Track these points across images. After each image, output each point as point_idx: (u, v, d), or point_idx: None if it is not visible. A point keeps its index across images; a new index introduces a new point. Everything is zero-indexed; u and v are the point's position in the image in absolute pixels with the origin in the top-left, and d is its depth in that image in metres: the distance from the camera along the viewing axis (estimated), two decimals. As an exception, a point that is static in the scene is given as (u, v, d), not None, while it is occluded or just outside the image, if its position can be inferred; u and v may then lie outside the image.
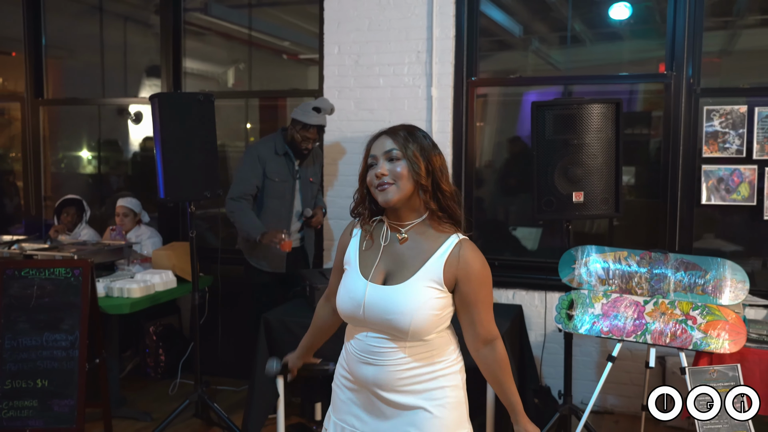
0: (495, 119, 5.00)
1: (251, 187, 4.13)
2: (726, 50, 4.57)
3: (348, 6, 4.70)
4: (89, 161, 6.24)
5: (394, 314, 1.79)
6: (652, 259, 3.34)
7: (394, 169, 1.83)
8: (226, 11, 5.66)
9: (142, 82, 5.89)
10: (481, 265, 1.85)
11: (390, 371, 1.84)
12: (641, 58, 4.78)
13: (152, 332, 4.99)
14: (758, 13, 4.55)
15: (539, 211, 3.46)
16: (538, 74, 5.02)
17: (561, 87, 4.70)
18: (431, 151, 1.87)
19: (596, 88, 4.61)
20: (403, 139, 1.86)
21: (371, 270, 1.88)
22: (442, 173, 1.87)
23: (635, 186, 4.66)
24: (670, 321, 3.23)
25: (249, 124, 5.73)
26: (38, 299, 3.70)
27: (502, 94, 4.92)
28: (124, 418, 4.25)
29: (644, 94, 4.63)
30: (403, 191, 1.84)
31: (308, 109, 4.11)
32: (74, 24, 6.14)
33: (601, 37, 4.96)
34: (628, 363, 4.27)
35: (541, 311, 4.38)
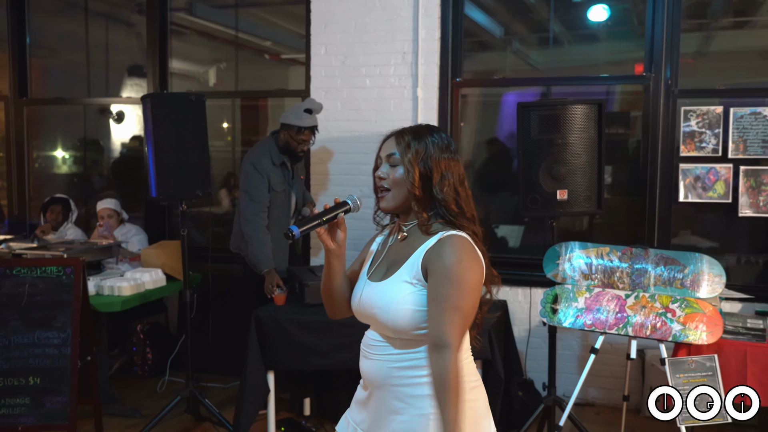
0: (475, 119, 5.10)
1: (266, 200, 4.11)
2: (702, 52, 4.72)
3: (335, 7, 4.78)
4: (73, 161, 6.24)
5: (376, 309, 1.81)
6: (633, 255, 3.46)
7: (392, 174, 1.83)
8: (211, 11, 5.70)
9: (124, 82, 5.91)
10: (453, 261, 1.72)
11: (379, 366, 1.84)
12: (618, 59, 4.91)
13: (139, 330, 5.02)
14: (732, 15, 4.71)
15: (525, 208, 3.56)
16: (518, 74, 5.13)
17: (540, 87, 4.82)
18: (438, 156, 1.81)
19: (575, 89, 4.73)
20: (406, 143, 1.82)
21: (376, 270, 1.91)
22: (442, 182, 1.80)
23: (615, 184, 4.79)
24: (650, 314, 3.35)
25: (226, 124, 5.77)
26: (30, 297, 3.72)
27: (482, 94, 5.03)
28: (114, 416, 4.29)
29: (623, 95, 4.76)
30: (398, 199, 1.84)
31: (300, 111, 4.12)
32: (57, 23, 6.13)
33: (580, 38, 5.09)
34: (608, 356, 4.40)
35: (525, 307, 4.49)
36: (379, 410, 1.87)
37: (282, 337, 3.68)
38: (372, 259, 1.97)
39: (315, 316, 3.60)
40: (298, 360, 3.67)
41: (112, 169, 6.08)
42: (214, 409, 3.96)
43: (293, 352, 3.66)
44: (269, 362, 3.74)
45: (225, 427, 3.94)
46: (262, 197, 4.10)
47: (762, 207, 4.20)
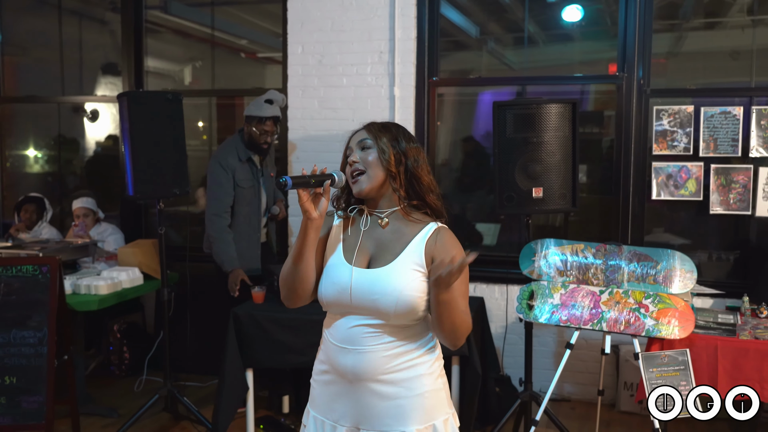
0: (452, 118, 5.15)
1: (229, 199, 4.14)
2: (673, 52, 4.80)
3: (311, 6, 4.79)
4: (46, 159, 6.18)
5: (380, 295, 1.83)
6: (607, 251, 3.52)
7: (365, 157, 1.91)
8: (186, 9, 5.68)
9: (98, 80, 5.86)
10: (458, 250, 1.89)
11: (370, 358, 1.86)
12: (592, 59, 4.98)
13: (116, 330, 4.99)
14: (703, 16, 4.80)
15: (501, 206, 3.60)
16: (493, 74, 5.18)
17: (516, 87, 4.87)
18: (406, 143, 1.94)
19: (550, 88, 4.79)
20: (376, 130, 1.94)
21: (353, 255, 1.92)
22: (416, 162, 1.93)
23: (590, 182, 4.87)
24: (624, 309, 3.42)
25: (202, 123, 5.75)
26: (5, 296, 3.69)
27: (459, 93, 5.07)
28: (91, 415, 4.26)
29: (596, 94, 4.84)
30: (374, 179, 1.91)
31: (261, 102, 4.16)
32: (29, 21, 6.06)
33: (554, 38, 5.15)
34: (583, 352, 4.47)
35: (502, 304, 4.55)
36: (367, 403, 1.89)
37: (260, 335, 3.68)
38: (343, 247, 1.96)
39: (292, 314, 3.61)
40: (275, 358, 3.68)
41: (87, 168, 6.02)
42: (193, 407, 3.96)
43: (271, 350, 3.67)
44: (248, 360, 3.74)
45: (203, 425, 3.94)
46: (225, 196, 4.12)
47: (732, 204, 4.29)
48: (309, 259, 1.91)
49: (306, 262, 1.91)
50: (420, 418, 1.89)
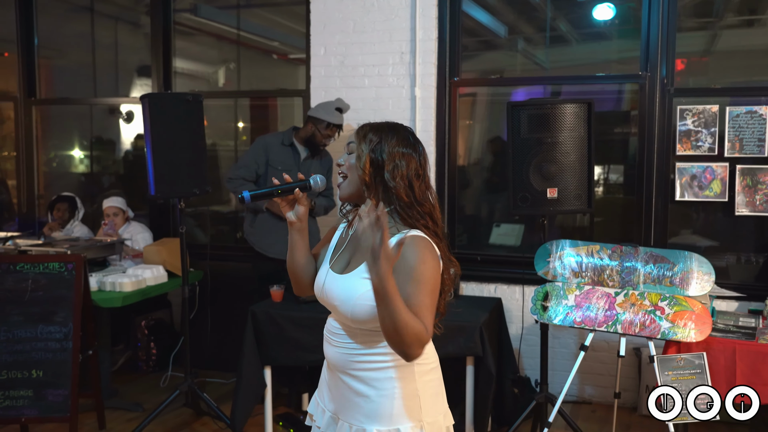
0: (483, 118, 5.14)
1: (250, 172, 4.30)
2: (702, 51, 4.72)
3: (333, 8, 4.83)
4: (81, 160, 6.35)
5: (338, 301, 1.87)
6: (623, 253, 3.49)
7: (348, 160, 1.91)
8: (215, 12, 5.78)
9: (133, 82, 6.00)
10: (416, 258, 1.75)
11: (342, 353, 1.90)
12: (625, 57, 4.92)
13: (143, 326, 5.11)
14: (734, 14, 4.71)
15: (515, 206, 3.60)
16: (526, 74, 5.16)
17: (549, 86, 4.83)
18: (392, 148, 1.84)
19: (580, 88, 4.75)
20: (364, 132, 1.89)
21: (338, 259, 1.96)
22: (396, 170, 1.82)
23: (614, 183, 4.81)
24: (639, 311, 3.38)
25: (242, 123, 5.86)
26: (33, 293, 3.81)
27: (491, 93, 5.06)
28: (116, 409, 4.37)
29: (626, 94, 4.77)
30: (352, 185, 1.89)
31: (331, 109, 4.30)
32: (65, 24, 6.24)
33: (587, 37, 5.11)
34: (604, 354, 4.42)
35: (521, 304, 4.52)
36: (344, 393, 1.93)
37: (277, 334, 3.74)
38: (334, 248, 2.01)
39: (308, 313, 3.66)
40: (292, 356, 3.73)
41: (120, 167, 6.18)
42: (212, 403, 4.03)
43: (287, 348, 3.72)
44: (265, 358, 3.81)
45: (223, 421, 4.01)
46: (246, 163, 4.31)
47: (758, 206, 4.20)
48: (299, 258, 1.98)
49: (297, 261, 1.98)
50: (384, 419, 1.86)
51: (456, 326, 3.55)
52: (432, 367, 1.95)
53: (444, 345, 3.55)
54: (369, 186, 1.86)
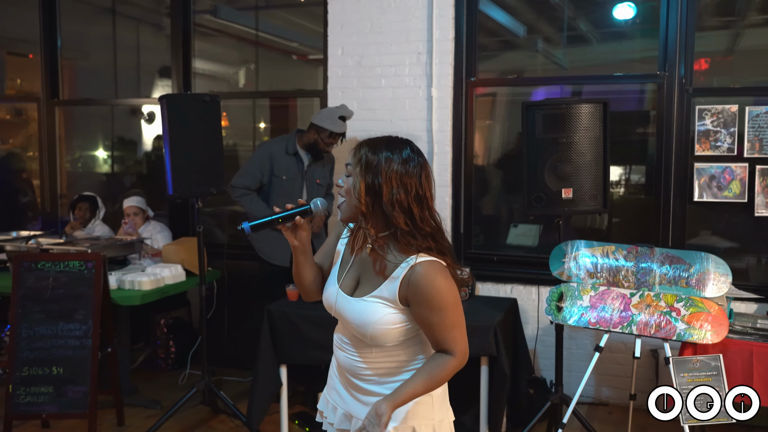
0: (503, 118, 5.13)
1: (254, 181, 4.32)
2: (724, 50, 4.67)
3: (350, 9, 4.85)
4: (103, 160, 6.44)
5: (355, 324, 1.88)
6: (639, 254, 3.47)
7: (346, 183, 1.86)
8: (234, 13, 5.84)
9: (154, 83, 6.08)
10: (432, 290, 1.77)
11: (354, 360, 1.94)
12: (646, 56, 4.88)
13: (163, 324, 5.17)
14: (756, 13, 4.65)
15: (530, 206, 3.59)
16: (545, 73, 5.14)
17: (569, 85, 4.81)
18: (390, 170, 1.77)
19: (600, 87, 4.72)
20: (361, 154, 1.82)
21: (344, 275, 1.96)
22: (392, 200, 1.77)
23: (632, 183, 4.78)
24: (655, 312, 3.36)
25: (263, 124, 5.91)
26: (53, 290, 3.88)
27: (510, 93, 5.05)
28: (135, 406, 4.43)
29: (647, 94, 4.74)
30: (350, 209, 1.84)
31: (335, 117, 4.28)
32: (88, 26, 6.33)
33: (607, 36, 5.08)
34: (620, 355, 4.39)
35: (536, 305, 4.51)
36: (356, 393, 1.97)
37: (292, 332, 3.77)
38: (341, 262, 2.00)
39: (324, 312, 3.62)
40: (307, 354, 3.76)
41: (141, 167, 6.26)
42: (229, 401, 4.07)
43: (303, 347, 3.75)
44: (281, 357, 3.83)
45: (239, 419, 4.05)
46: (249, 171, 4.33)
47: (779, 207, 4.15)
48: (306, 276, 2.02)
49: (304, 278, 2.02)
50: (398, 418, 1.89)
51: (470, 326, 3.48)
52: None
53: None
54: (366, 215, 1.81)
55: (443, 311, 1.79)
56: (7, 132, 6.77)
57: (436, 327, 1.80)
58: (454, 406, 2.09)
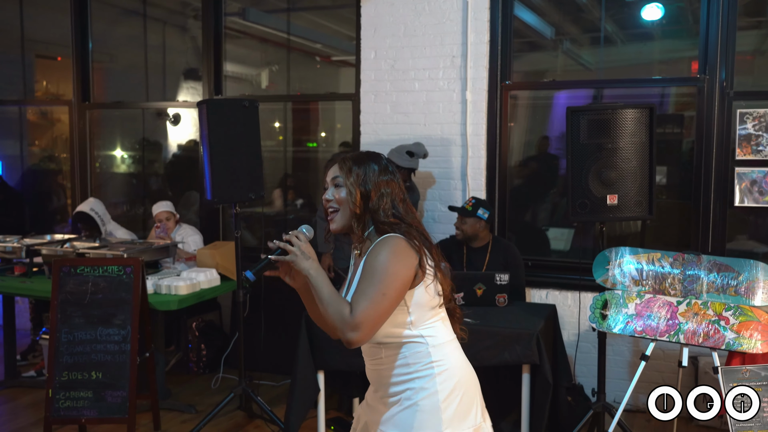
0: (526, 120, 5.09)
1: None
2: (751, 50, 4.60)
3: (384, 12, 4.83)
4: (131, 162, 6.46)
5: None
6: (685, 261, 3.42)
7: (338, 194, 2.00)
8: (263, 16, 5.83)
9: (180, 85, 6.08)
10: (380, 250, 1.91)
11: (373, 369, 2.06)
12: (674, 58, 4.83)
13: (194, 328, 5.17)
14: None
15: (573, 213, 3.55)
16: (570, 75, 5.10)
17: (593, 89, 4.77)
18: (377, 178, 1.98)
19: (627, 90, 4.67)
20: (348, 167, 1.99)
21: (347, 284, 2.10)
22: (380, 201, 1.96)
23: (668, 187, 4.72)
24: (702, 321, 3.31)
25: (278, 123, 5.90)
26: (92, 295, 3.88)
27: (533, 96, 5.01)
28: (170, 410, 4.43)
29: (678, 97, 4.69)
30: (345, 218, 2.00)
31: (402, 152, 4.32)
32: (116, 29, 6.35)
33: (634, 37, 5.02)
34: (660, 362, 4.34)
35: (574, 311, 4.47)
36: (375, 405, 2.10)
37: (329, 338, 3.73)
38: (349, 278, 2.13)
39: (364, 318, 3.64)
40: (345, 360, 3.73)
41: (169, 169, 6.27)
42: (266, 406, 4.06)
43: (341, 353, 3.72)
44: (319, 362, 3.81)
45: (276, 425, 4.03)
46: None
47: (822, 212, 4.08)
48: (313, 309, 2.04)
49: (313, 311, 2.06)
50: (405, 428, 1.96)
51: (512, 334, 3.52)
52: (456, 382, 2.00)
53: (500, 353, 3.53)
54: (359, 217, 1.98)
55: (370, 277, 1.87)
56: (36, 134, 6.81)
57: (358, 290, 1.88)
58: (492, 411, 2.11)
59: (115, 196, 6.40)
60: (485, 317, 3.66)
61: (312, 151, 6.02)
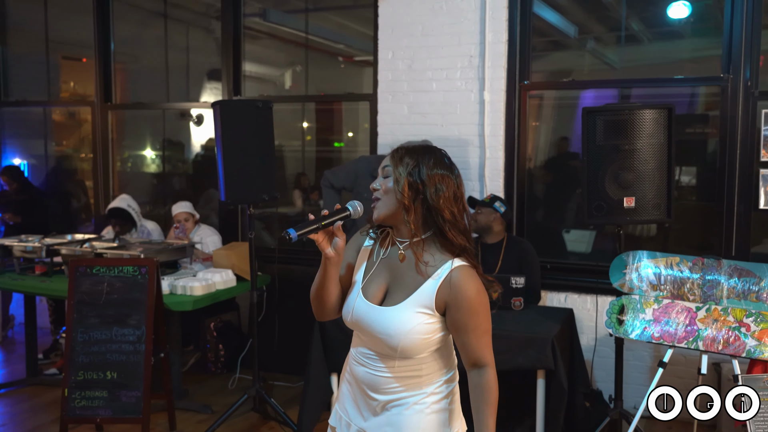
0: (551, 120, 5.02)
1: (338, 183, 4.41)
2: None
3: (401, 12, 4.79)
4: (153, 162, 6.51)
5: (384, 335, 1.85)
6: (705, 265, 3.33)
7: (385, 184, 1.88)
8: (283, 16, 5.83)
9: (203, 86, 6.11)
10: (473, 293, 1.81)
11: (377, 376, 1.91)
12: (700, 57, 4.72)
13: (212, 328, 5.19)
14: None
15: (589, 215, 3.48)
16: (594, 74, 5.01)
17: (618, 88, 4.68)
18: (430, 171, 1.84)
19: (653, 90, 4.58)
20: (399, 156, 1.88)
21: (369, 284, 1.93)
22: (437, 193, 1.82)
23: (690, 188, 4.62)
24: (722, 328, 3.22)
25: (306, 124, 5.90)
26: (108, 295, 3.91)
27: (558, 96, 4.94)
28: (186, 410, 4.44)
29: (707, 96, 4.58)
30: (389, 207, 1.86)
31: None
32: (139, 30, 6.40)
33: (660, 36, 4.92)
34: (681, 368, 4.24)
35: (594, 315, 4.39)
36: (374, 409, 1.94)
37: (344, 341, 3.69)
38: (364, 270, 1.97)
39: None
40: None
41: (191, 170, 6.31)
42: (280, 408, 4.05)
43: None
44: (332, 365, 3.80)
45: (290, 427, 4.02)
46: (342, 176, 4.42)
47: None
48: (333, 289, 1.95)
49: (329, 292, 1.95)
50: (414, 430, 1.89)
51: (527, 338, 3.47)
52: (457, 380, 2.00)
53: (514, 357, 3.48)
54: (408, 209, 1.84)
55: (480, 316, 1.83)
56: (61, 134, 6.90)
57: (473, 333, 1.83)
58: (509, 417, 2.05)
59: (138, 195, 6.43)
60: (499, 321, 3.61)
61: (336, 151, 6.02)
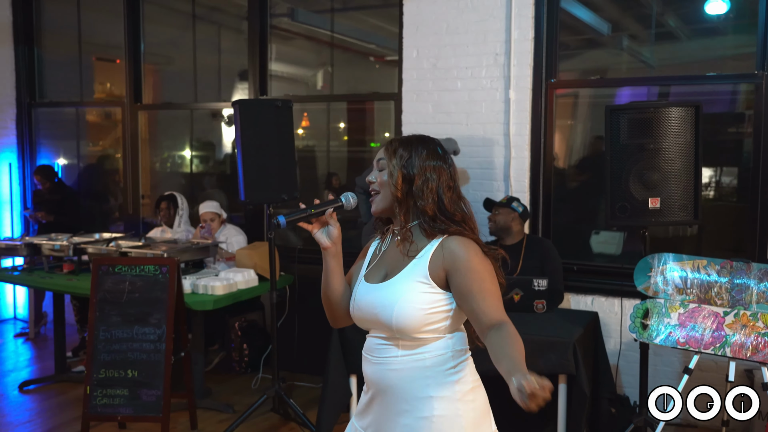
0: (585, 119, 4.91)
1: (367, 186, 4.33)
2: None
3: (426, 10, 4.73)
4: (184, 162, 6.57)
5: (379, 308, 1.85)
6: (734, 269, 3.21)
7: (380, 177, 1.92)
8: (311, 16, 5.82)
9: (234, 86, 6.14)
10: (468, 253, 1.81)
11: (383, 369, 1.87)
12: (740, 54, 4.57)
13: (237, 327, 5.20)
14: None
15: (612, 216, 3.38)
16: (631, 72, 4.89)
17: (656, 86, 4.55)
18: (422, 162, 1.87)
19: (689, 88, 4.44)
20: (393, 148, 1.91)
21: (371, 274, 1.96)
22: (426, 183, 1.85)
23: (729, 189, 4.47)
24: (751, 334, 3.10)
25: (342, 124, 5.89)
26: (129, 294, 3.94)
27: (594, 95, 4.83)
28: (208, 409, 4.46)
29: (743, 95, 4.43)
30: (385, 201, 1.92)
31: None
32: (170, 31, 6.46)
33: (697, 33, 4.79)
34: (711, 375, 4.10)
35: (620, 318, 4.27)
36: (383, 412, 1.89)
37: (362, 342, 3.68)
38: (368, 263, 2.00)
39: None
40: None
41: (220, 169, 6.35)
42: (298, 409, 4.04)
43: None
44: (351, 366, 3.77)
45: (309, 428, 4.00)
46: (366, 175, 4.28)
47: None
48: (337, 285, 1.96)
49: (334, 289, 1.96)
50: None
51: (548, 341, 3.39)
52: (473, 387, 1.90)
53: (534, 360, 3.39)
54: (401, 202, 1.88)
55: (484, 278, 1.79)
56: (97, 134, 7.01)
57: (479, 295, 1.77)
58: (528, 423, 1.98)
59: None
60: (520, 324, 3.50)
61: (369, 151, 5.99)
